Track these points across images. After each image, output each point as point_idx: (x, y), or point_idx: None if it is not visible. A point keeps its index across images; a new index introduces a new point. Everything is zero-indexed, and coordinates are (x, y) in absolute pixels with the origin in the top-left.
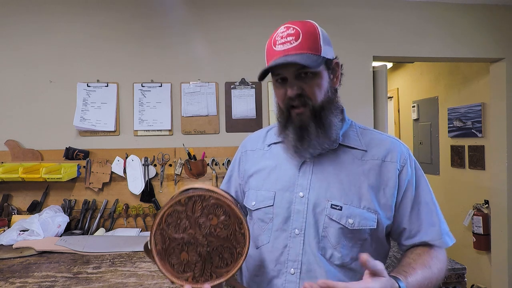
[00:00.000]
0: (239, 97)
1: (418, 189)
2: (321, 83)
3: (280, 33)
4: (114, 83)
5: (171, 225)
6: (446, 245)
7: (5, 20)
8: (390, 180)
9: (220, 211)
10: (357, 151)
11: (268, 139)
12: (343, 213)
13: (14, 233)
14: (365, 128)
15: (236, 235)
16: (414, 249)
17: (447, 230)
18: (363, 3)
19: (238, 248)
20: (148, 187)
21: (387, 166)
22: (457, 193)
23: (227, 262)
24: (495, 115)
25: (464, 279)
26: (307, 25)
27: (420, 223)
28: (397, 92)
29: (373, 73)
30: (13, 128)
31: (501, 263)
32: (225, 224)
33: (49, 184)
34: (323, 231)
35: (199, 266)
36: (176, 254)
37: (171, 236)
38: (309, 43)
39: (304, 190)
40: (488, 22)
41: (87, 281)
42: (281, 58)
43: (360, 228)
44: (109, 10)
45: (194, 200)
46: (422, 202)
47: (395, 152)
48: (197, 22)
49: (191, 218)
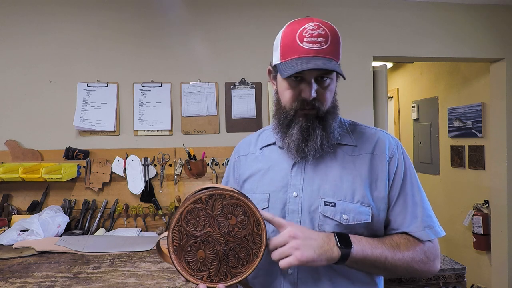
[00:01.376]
0: (239, 97)
1: (405, 181)
2: (333, 89)
3: (310, 30)
4: (114, 83)
5: (190, 222)
6: (427, 238)
7: (5, 20)
8: (381, 172)
9: (240, 211)
10: (347, 147)
11: (259, 142)
12: (337, 209)
13: (14, 233)
14: (353, 123)
15: (254, 236)
16: (393, 234)
17: (432, 224)
18: (363, 3)
19: (255, 249)
20: (148, 187)
21: (376, 159)
22: (457, 193)
23: (242, 262)
24: (495, 115)
25: (464, 279)
26: (333, 29)
27: (404, 215)
28: (397, 92)
29: (373, 73)
30: (13, 128)
31: (501, 263)
32: (243, 224)
33: (49, 184)
34: (318, 229)
35: (215, 266)
36: (193, 252)
37: (190, 233)
38: (335, 49)
39: (297, 190)
40: (488, 22)
41: (87, 281)
42: (315, 59)
43: (355, 223)
44: (109, 10)
45: (214, 198)
46: (408, 194)
47: (383, 144)
48: (197, 22)
49: (210, 216)
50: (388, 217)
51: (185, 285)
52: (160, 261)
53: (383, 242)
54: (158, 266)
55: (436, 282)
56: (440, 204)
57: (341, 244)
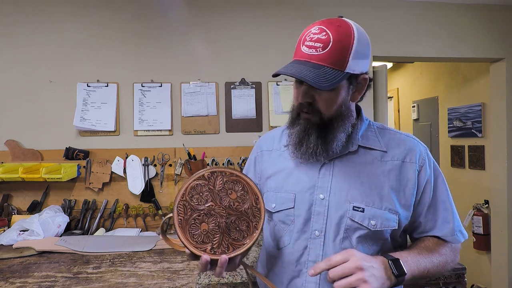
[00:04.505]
0: (239, 97)
1: (436, 188)
2: (335, 98)
3: (312, 33)
4: (114, 83)
5: (194, 197)
6: (458, 241)
7: (5, 20)
8: (410, 181)
9: (239, 186)
10: (377, 152)
11: (283, 139)
12: (366, 215)
13: (14, 233)
14: (383, 127)
15: (253, 209)
16: (424, 239)
17: (461, 228)
18: (363, 3)
19: (254, 222)
20: (148, 187)
21: (406, 167)
22: (457, 193)
23: (243, 234)
24: (495, 115)
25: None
26: (342, 31)
27: (435, 220)
28: (397, 92)
29: (373, 73)
30: (13, 128)
31: (501, 263)
32: (242, 199)
33: (49, 184)
34: (344, 233)
35: (217, 238)
36: (197, 224)
37: (194, 207)
38: (336, 56)
39: (324, 192)
40: (488, 22)
41: (87, 281)
42: (301, 64)
43: (382, 229)
44: (109, 10)
45: (216, 175)
46: (439, 200)
47: (414, 152)
48: (197, 22)
49: (212, 191)
50: (418, 221)
51: (185, 285)
52: (160, 261)
53: (422, 253)
54: (158, 266)
55: (436, 282)
56: None
57: (397, 271)
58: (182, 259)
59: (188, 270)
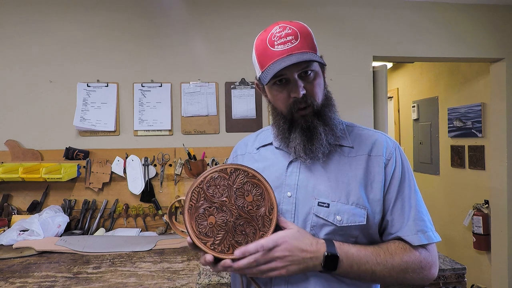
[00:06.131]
0: (239, 97)
1: (402, 182)
2: (321, 82)
3: (277, 33)
4: (114, 83)
5: (211, 188)
6: (418, 242)
7: (5, 20)
8: (377, 175)
9: (258, 190)
10: (344, 148)
11: (257, 142)
12: (331, 210)
13: (14, 233)
14: (352, 125)
15: (264, 218)
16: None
17: (424, 228)
18: (363, 3)
19: (262, 231)
20: (148, 187)
21: (373, 160)
22: (457, 193)
23: (247, 240)
24: (495, 115)
25: (464, 279)
26: (300, 25)
27: (401, 218)
28: (397, 92)
29: (373, 73)
30: (13, 128)
31: (501, 263)
32: (257, 204)
33: (49, 184)
34: (311, 229)
35: (221, 235)
36: (205, 215)
37: (207, 197)
38: (308, 43)
39: (291, 189)
40: (488, 22)
41: (87, 281)
42: (289, 57)
43: (349, 225)
44: (109, 10)
45: (238, 173)
46: (406, 196)
47: (381, 146)
48: (197, 22)
49: (230, 188)
50: (386, 219)
51: (185, 285)
52: (160, 261)
53: (377, 254)
54: (158, 266)
55: (436, 282)
56: (440, 204)
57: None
58: (182, 259)
59: (188, 270)
